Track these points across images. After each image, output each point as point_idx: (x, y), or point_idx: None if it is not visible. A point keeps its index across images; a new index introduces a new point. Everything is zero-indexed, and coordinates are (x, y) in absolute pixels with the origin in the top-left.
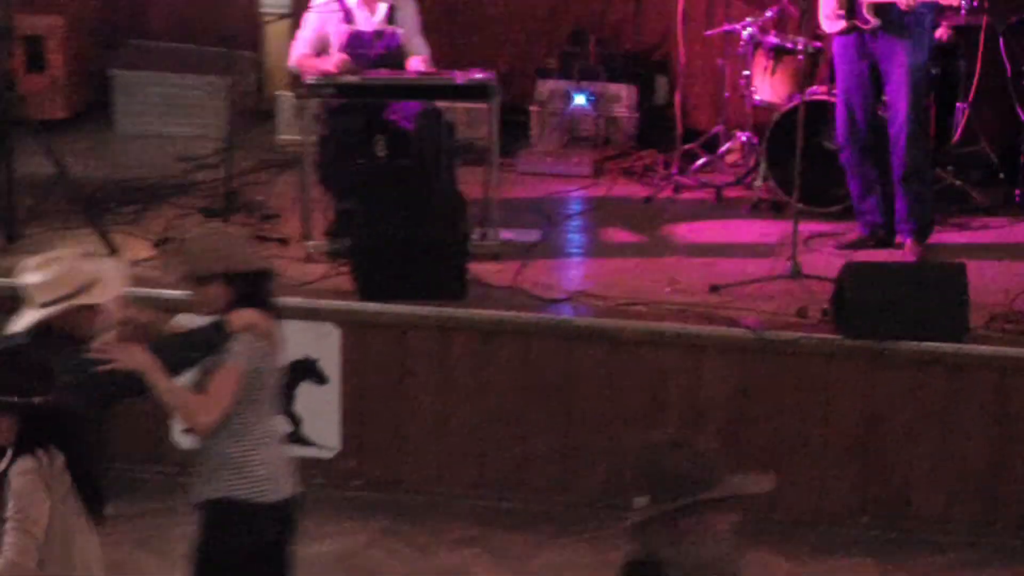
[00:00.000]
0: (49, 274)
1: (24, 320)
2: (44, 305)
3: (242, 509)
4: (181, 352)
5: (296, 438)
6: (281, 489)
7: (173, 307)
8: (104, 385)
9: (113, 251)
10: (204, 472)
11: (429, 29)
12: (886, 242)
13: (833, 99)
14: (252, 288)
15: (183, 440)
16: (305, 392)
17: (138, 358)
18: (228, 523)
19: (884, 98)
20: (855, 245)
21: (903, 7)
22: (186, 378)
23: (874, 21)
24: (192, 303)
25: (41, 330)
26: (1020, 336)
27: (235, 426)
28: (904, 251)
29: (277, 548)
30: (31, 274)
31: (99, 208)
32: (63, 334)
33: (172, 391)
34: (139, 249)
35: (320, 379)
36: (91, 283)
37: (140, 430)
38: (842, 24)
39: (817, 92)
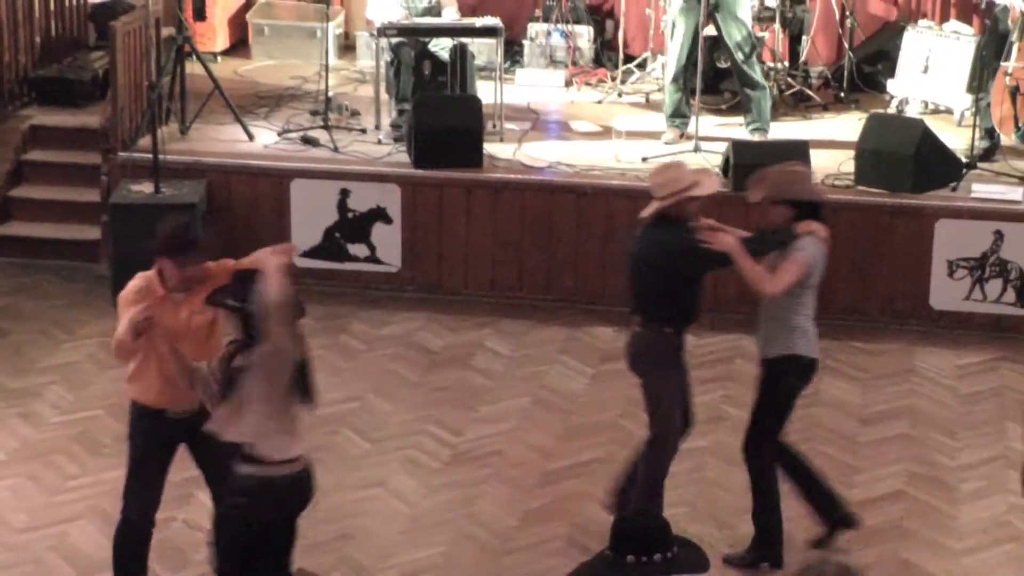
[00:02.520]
0: (665, 176)
1: (648, 210)
2: (662, 199)
3: (801, 362)
4: (759, 244)
5: (372, 259)
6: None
7: None
8: (707, 256)
9: (251, 138)
10: (769, 335)
11: None
12: None
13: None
14: (808, 213)
15: None
16: (378, 229)
17: (727, 241)
18: (791, 373)
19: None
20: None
21: None
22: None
23: None
24: (764, 219)
25: (658, 216)
26: (846, 188)
27: (795, 301)
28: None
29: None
30: (653, 176)
31: (241, 109)
32: (672, 218)
33: (751, 268)
34: (267, 136)
35: (387, 220)
36: (695, 182)
37: None
38: None
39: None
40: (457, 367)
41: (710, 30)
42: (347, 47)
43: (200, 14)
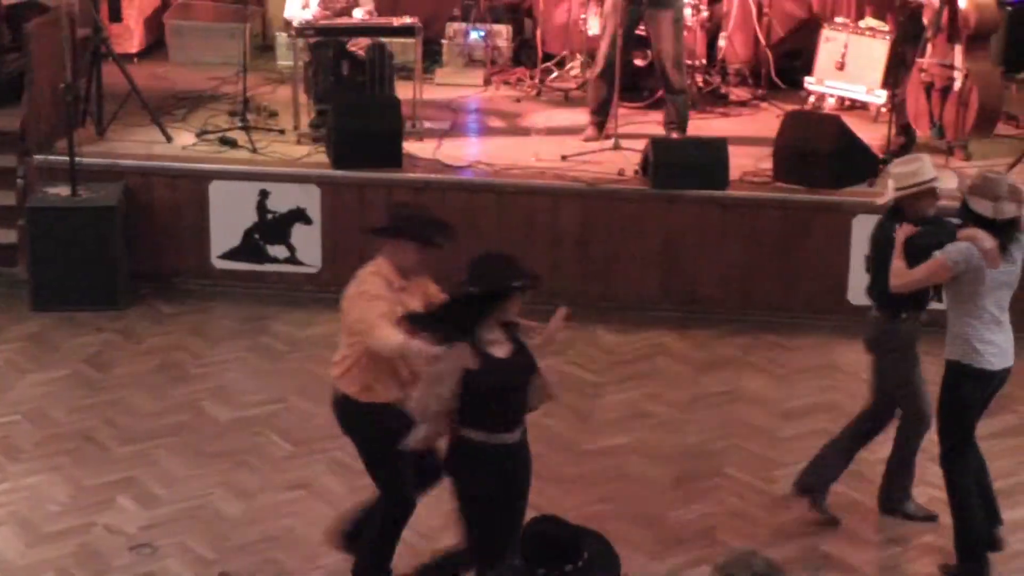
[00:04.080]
0: (908, 168)
1: (883, 198)
2: (899, 189)
3: (966, 371)
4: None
5: (293, 260)
6: (1004, 360)
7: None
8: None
9: (168, 139)
10: (947, 338)
11: None
12: None
13: (640, 32)
14: (971, 216)
15: None
16: (297, 230)
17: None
18: (961, 379)
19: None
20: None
21: None
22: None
23: None
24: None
25: (892, 207)
26: (761, 184)
27: (961, 308)
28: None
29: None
30: (896, 167)
31: (158, 111)
32: (904, 211)
33: (895, 263)
34: (186, 137)
35: (307, 221)
36: (934, 177)
37: (189, 253)
38: None
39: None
40: None
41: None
42: (265, 48)
43: (116, 15)
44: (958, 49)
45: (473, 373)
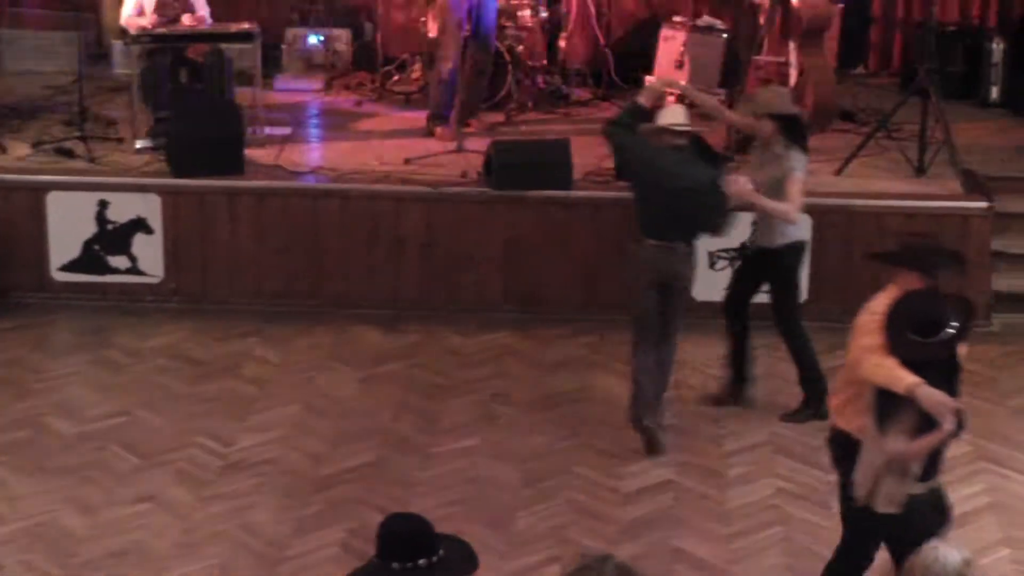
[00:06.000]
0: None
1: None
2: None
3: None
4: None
5: (134, 271)
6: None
7: None
8: None
9: (3, 150)
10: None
11: None
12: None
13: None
14: (790, 124)
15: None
16: (139, 240)
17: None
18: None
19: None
20: None
21: None
22: None
23: None
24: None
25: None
26: (604, 184)
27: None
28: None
29: None
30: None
31: None
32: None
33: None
34: (21, 148)
35: (148, 231)
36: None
37: (27, 267)
38: None
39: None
40: (226, 377)
41: None
42: (101, 56)
43: None
44: (792, 46)
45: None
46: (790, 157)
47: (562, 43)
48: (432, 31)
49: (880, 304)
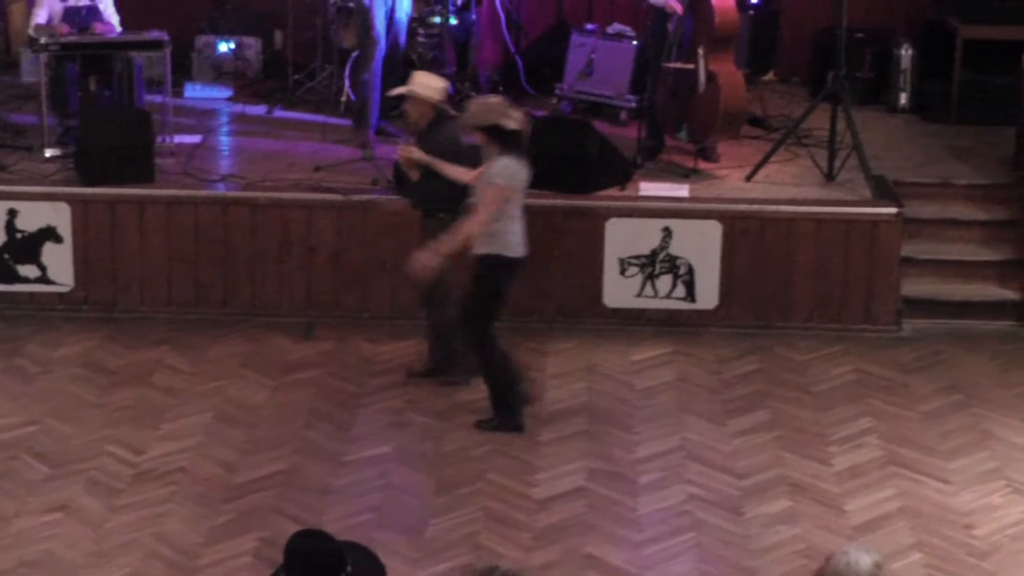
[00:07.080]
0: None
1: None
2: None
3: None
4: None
5: (44, 279)
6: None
7: None
8: None
9: None
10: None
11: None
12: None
13: None
14: (495, 134)
15: None
16: (48, 249)
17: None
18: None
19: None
20: None
21: None
22: None
23: None
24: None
25: None
26: None
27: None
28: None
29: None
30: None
31: None
32: None
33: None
34: None
35: (58, 239)
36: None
37: None
38: None
39: None
40: (137, 385)
41: None
42: (9, 64)
43: None
44: (701, 52)
45: None
46: (493, 166)
47: (472, 50)
48: (346, 40)
49: None
